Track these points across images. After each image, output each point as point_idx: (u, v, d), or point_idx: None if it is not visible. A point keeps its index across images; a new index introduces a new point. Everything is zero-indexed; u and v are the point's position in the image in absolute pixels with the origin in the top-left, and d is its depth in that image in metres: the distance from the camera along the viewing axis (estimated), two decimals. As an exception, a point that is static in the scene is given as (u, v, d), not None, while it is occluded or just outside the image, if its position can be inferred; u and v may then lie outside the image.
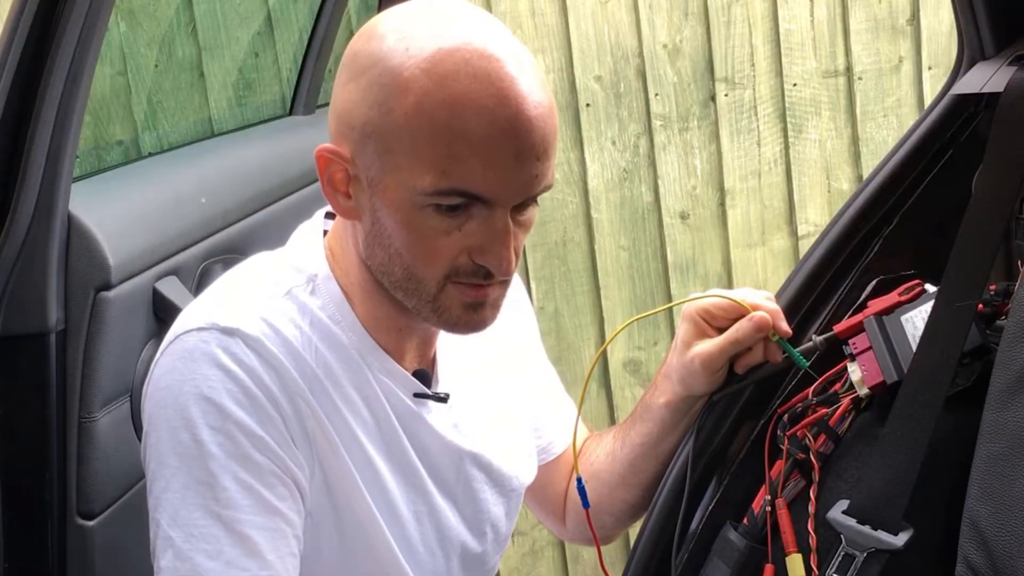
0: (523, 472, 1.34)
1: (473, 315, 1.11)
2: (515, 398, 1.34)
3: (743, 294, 1.25)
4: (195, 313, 1.11)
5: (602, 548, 1.33)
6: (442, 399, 1.20)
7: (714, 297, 1.25)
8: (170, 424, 1.07)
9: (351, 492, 1.13)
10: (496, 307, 1.13)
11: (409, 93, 1.01)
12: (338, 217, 1.17)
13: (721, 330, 1.24)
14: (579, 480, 1.30)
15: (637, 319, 1.65)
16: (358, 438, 1.14)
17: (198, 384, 1.06)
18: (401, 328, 1.17)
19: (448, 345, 1.25)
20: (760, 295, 1.25)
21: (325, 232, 1.20)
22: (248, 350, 1.07)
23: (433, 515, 1.22)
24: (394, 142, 1.03)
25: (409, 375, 1.18)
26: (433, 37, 1.03)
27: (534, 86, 1.04)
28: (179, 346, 1.08)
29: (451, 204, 1.04)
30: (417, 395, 1.18)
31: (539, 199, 1.09)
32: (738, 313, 1.24)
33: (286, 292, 1.13)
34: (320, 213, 1.22)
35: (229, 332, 1.07)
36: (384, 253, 1.09)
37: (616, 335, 2.86)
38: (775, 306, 1.25)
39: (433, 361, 1.23)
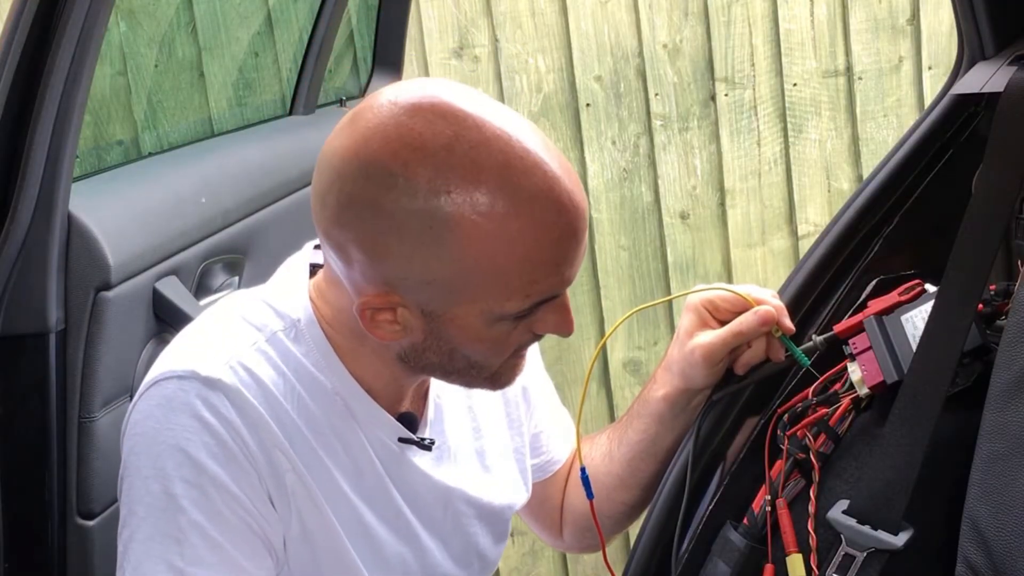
0: (516, 500, 1.33)
1: (520, 367, 1.14)
2: (509, 423, 1.33)
3: (748, 289, 1.25)
4: (176, 358, 1.09)
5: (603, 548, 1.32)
6: (426, 447, 1.19)
7: (719, 290, 1.25)
8: (142, 473, 1.06)
9: (332, 542, 1.12)
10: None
11: (473, 238, 0.99)
12: (326, 277, 1.13)
13: (724, 323, 1.24)
14: (583, 470, 1.28)
15: (640, 309, 1.65)
16: (340, 487, 1.13)
17: (175, 435, 1.05)
18: (404, 385, 1.17)
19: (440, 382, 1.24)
20: (766, 292, 1.25)
21: (313, 266, 1.17)
22: (227, 402, 1.06)
23: (420, 556, 1.21)
24: (463, 283, 1.01)
25: (394, 420, 1.16)
26: (465, 166, 0.98)
27: (562, 164, 1.02)
28: (158, 392, 1.07)
29: (529, 313, 1.05)
30: (402, 440, 1.17)
31: None
32: (742, 307, 1.23)
33: (268, 337, 1.11)
34: (309, 245, 1.20)
35: (209, 383, 1.06)
36: (441, 357, 1.09)
37: (617, 327, 2.83)
38: (780, 303, 1.24)
39: (424, 397, 1.22)
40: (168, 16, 2.43)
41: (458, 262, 1.00)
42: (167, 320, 1.55)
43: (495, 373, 1.11)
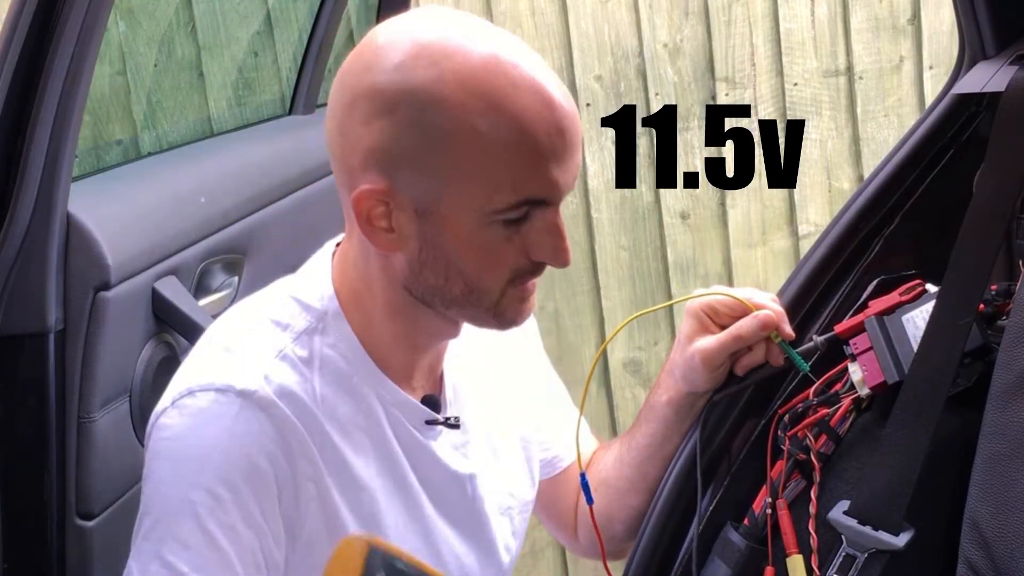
0: (521, 490, 1.33)
1: (525, 307, 1.14)
2: (519, 412, 1.33)
3: (748, 293, 1.25)
4: (211, 369, 1.10)
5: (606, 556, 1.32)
6: (454, 425, 1.20)
7: (719, 295, 1.25)
8: (163, 477, 1.07)
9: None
10: (535, 292, 1.16)
11: (463, 120, 1.01)
12: (348, 246, 1.15)
13: (724, 327, 1.24)
14: (582, 476, 1.29)
15: (640, 315, 1.65)
16: (366, 486, 1.14)
17: (205, 446, 1.06)
18: (417, 346, 1.17)
19: (452, 365, 1.25)
20: (765, 296, 1.25)
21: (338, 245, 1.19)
22: (263, 416, 1.07)
23: (435, 550, 1.21)
24: (453, 170, 1.02)
25: (419, 404, 1.18)
26: (459, 55, 1.02)
27: (554, 79, 1.06)
28: (193, 403, 1.08)
29: (520, 215, 1.05)
30: (428, 422, 1.18)
31: None
32: (742, 312, 1.23)
33: (296, 339, 1.12)
34: (332, 242, 1.21)
35: (246, 396, 1.07)
36: (438, 277, 1.09)
37: (617, 332, 2.85)
38: (780, 308, 1.24)
39: (440, 382, 1.23)
40: (168, 16, 2.43)
41: (447, 144, 1.01)
42: (166, 320, 1.55)
43: (498, 304, 1.11)
